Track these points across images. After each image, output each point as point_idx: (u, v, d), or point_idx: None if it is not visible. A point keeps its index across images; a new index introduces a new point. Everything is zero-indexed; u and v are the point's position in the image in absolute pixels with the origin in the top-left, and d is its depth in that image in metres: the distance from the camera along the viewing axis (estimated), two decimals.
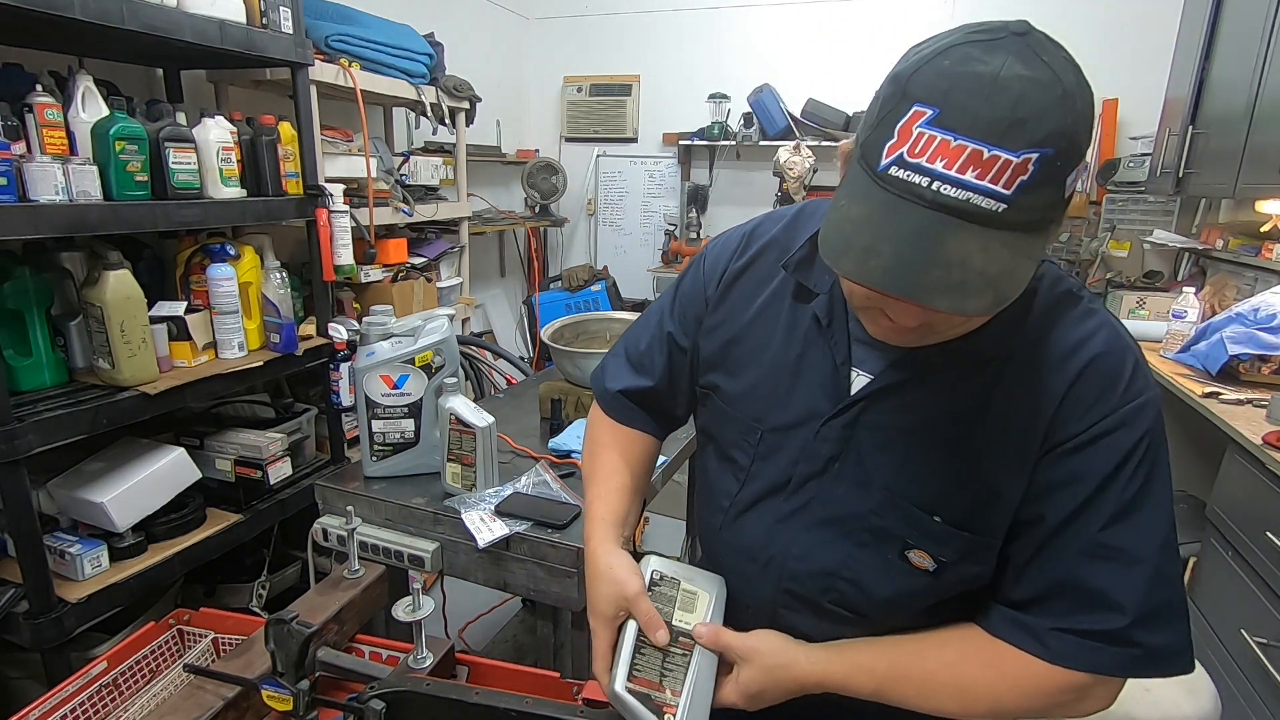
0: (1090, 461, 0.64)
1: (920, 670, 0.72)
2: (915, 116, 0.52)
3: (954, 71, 0.52)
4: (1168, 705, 1.18)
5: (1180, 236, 2.96)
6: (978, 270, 0.52)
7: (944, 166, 0.51)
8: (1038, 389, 0.65)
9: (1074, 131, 0.51)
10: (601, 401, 0.98)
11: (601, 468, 0.93)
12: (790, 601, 0.79)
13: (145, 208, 1.49)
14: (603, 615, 0.77)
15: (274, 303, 1.80)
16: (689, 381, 0.91)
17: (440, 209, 2.76)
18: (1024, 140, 0.50)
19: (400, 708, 0.79)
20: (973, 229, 0.52)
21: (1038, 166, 0.50)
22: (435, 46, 2.66)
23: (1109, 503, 0.64)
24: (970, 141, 0.50)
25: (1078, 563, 0.65)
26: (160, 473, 1.61)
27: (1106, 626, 0.64)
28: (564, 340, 1.82)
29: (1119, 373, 0.64)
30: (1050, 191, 0.52)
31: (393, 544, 1.33)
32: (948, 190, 0.51)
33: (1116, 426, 0.63)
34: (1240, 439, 1.63)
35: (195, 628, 1.06)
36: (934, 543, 0.69)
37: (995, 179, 0.50)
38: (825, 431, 0.74)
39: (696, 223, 3.89)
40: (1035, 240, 0.54)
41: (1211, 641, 1.71)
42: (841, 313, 0.74)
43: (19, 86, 1.40)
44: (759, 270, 0.82)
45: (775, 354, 0.78)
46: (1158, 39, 3.02)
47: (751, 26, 3.79)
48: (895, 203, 0.53)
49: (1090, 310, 0.67)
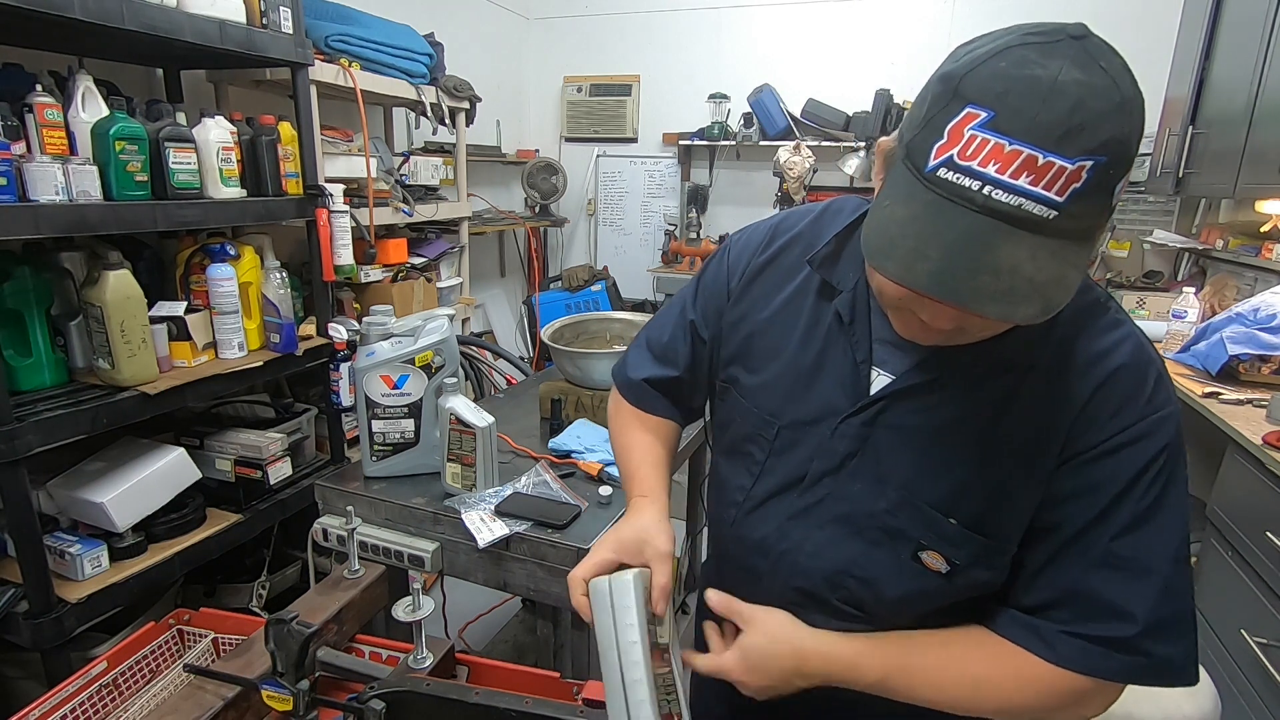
0: (1109, 471, 0.64)
1: (929, 661, 0.71)
2: (968, 119, 0.51)
3: (1010, 74, 0.50)
4: (1168, 705, 1.18)
5: (1180, 236, 2.96)
6: (1027, 278, 0.51)
7: (997, 171, 0.50)
8: (1060, 396, 0.65)
9: (1128, 140, 0.50)
10: (625, 390, 0.97)
11: (637, 446, 0.93)
12: (799, 599, 0.78)
13: (145, 208, 1.49)
14: (619, 541, 0.77)
15: (274, 303, 1.80)
16: (708, 373, 0.91)
17: (440, 209, 2.76)
18: (1079, 147, 0.49)
19: (400, 708, 0.80)
20: (1023, 235, 0.51)
21: (1091, 174, 0.49)
22: (435, 46, 2.66)
23: (1124, 512, 0.63)
24: (1025, 146, 0.49)
25: (1090, 571, 0.65)
26: (160, 473, 1.61)
27: (1116, 634, 0.64)
28: (564, 340, 1.82)
29: (1142, 385, 0.64)
30: (1100, 200, 0.51)
31: (393, 544, 1.33)
32: (999, 195, 0.50)
33: (1137, 438, 0.63)
34: (1240, 439, 1.63)
35: (195, 628, 1.06)
36: (948, 544, 0.69)
37: (1049, 185, 0.50)
38: (843, 429, 0.73)
39: (696, 223, 3.88)
40: (1083, 249, 0.54)
41: (1211, 641, 1.71)
42: (864, 311, 0.74)
43: (19, 86, 1.40)
44: (783, 264, 0.82)
45: (795, 350, 0.78)
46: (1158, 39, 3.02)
47: (751, 26, 3.79)
48: (943, 205, 0.53)
49: (1117, 321, 0.67)
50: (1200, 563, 1.84)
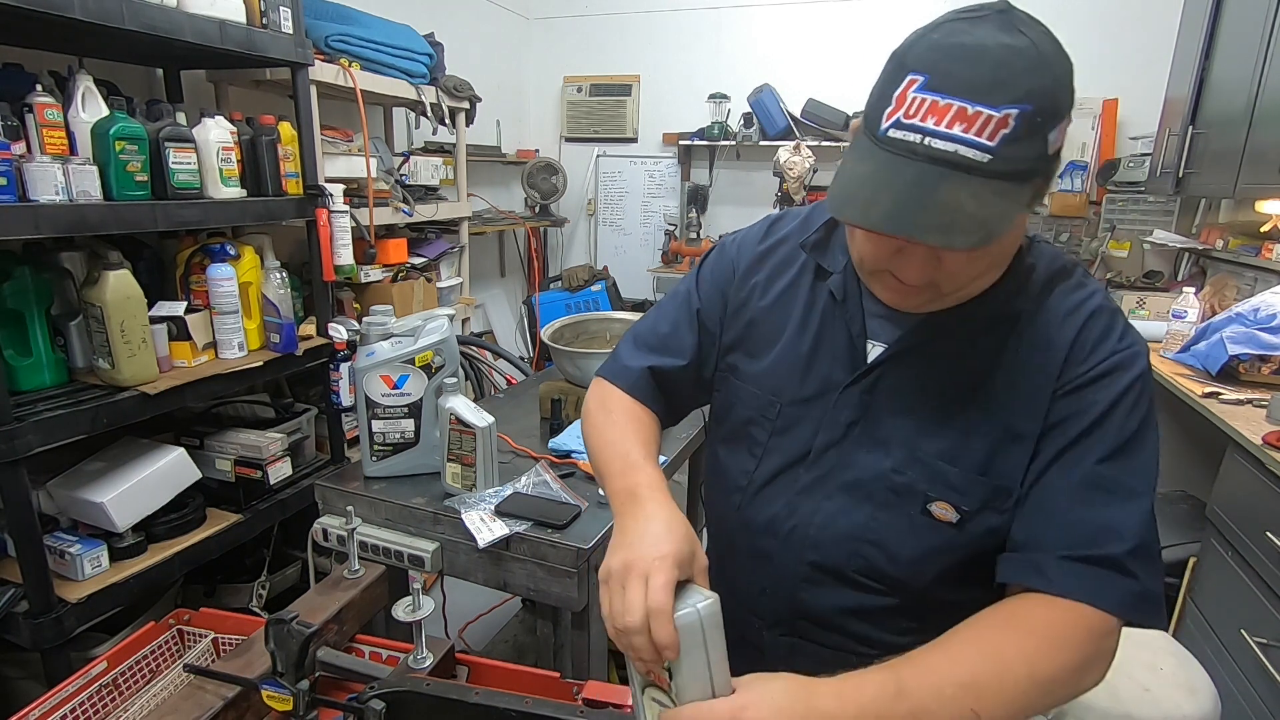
0: (1090, 398, 0.70)
1: (942, 653, 0.64)
2: (910, 84, 0.59)
3: (942, 43, 0.59)
4: (1168, 705, 1.17)
5: (1180, 236, 2.96)
6: (968, 213, 0.58)
7: (934, 124, 0.58)
8: (1048, 339, 0.71)
9: (1052, 91, 0.58)
10: (621, 378, 0.92)
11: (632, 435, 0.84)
12: (814, 575, 0.78)
13: (145, 208, 1.49)
14: (677, 556, 0.63)
15: (274, 303, 1.80)
16: (712, 366, 0.91)
17: (440, 209, 2.76)
18: (1004, 97, 0.56)
19: (400, 708, 0.79)
20: (961, 177, 0.58)
21: (1019, 121, 0.57)
22: (435, 46, 2.66)
23: (1109, 436, 0.68)
24: (956, 100, 0.57)
25: (1078, 492, 0.68)
26: (160, 473, 1.61)
27: (1108, 552, 0.66)
28: (564, 340, 1.82)
29: (1114, 325, 0.72)
30: (1033, 145, 0.58)
31: (393, 544, 1.33)
32: (938, 144, 0.58)
33: (1113, 369, 0.70)
34: (1240, 439, 1.63)
35: (195, 628, 1.06)
36: (955, 492, 0.72)
37: (979, 132, 0.57)
38: (843, 399, 0.77)
39: (696, 223, 3.88)
40: (1022, 189, 0.60)
41: (1211, 641, 1.71)
42: (855, 289, 0.79)
43: (19, 86, 1.40)
44: (779, 255, 0.87)
45: (794, 332, 0.82)
46: (1158, 39, 3.02)
47: (751, 26, 3.79)
48: (893, 159, 0.60)
49: (1083, 282, 0.75)
50: (1200, 563, 1.84)
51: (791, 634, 0.84)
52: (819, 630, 0.82)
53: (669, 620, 0.58)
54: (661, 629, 0.58)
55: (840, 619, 0.79)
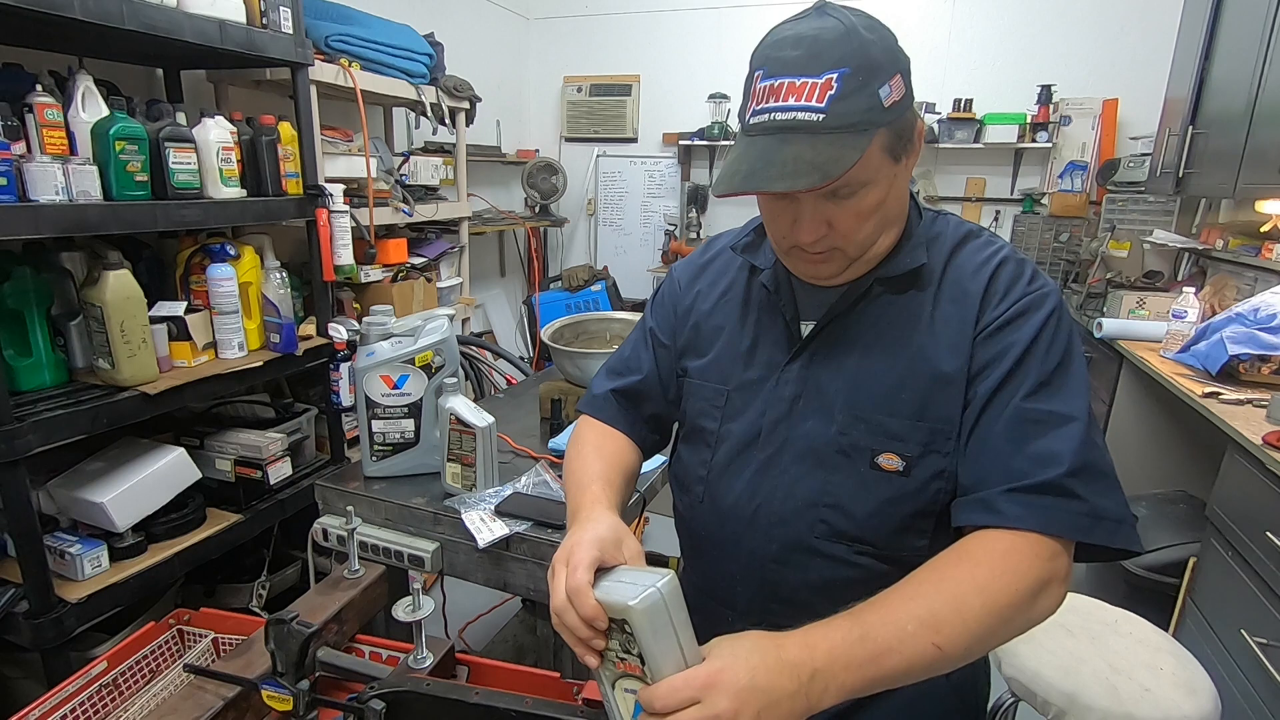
0: (1009, 339, 0.75)
1: (902, 593, 0.67)
2: (756, 79, 0.73)
3: (771, 40, 0.73)
4: (1168, 705, 1.17)
5: (1180, 236, 2.96)
6: (808, 161, 0.68)
7: (774, 101, 0.70)
8: (963, 290, 0.79)
9: (864, 54, 0.68)
10: (589, 405, 1.02)
11: (590, 467, 0.89)
12: (781, 554, 0.82)
13: (145, 208, 1.49)
14: (598, 540, 0.68)
15: (274, 303, 1.80)
16: (673, 378, 0.97)
17: (440, 209, 2.76)
18: (821, 66, 0.68)
19: (400, 708, 0.79)
20: (801, 136, 0.69)
21: (840, 82, 0.68)
22: (435, 46, 2.66)
23: (1031, 372, 0.74)
24: (785, 78, 0.69)
25: (1011, 428, 0.73)
26: (160, 473, 1.61)
27: (1046, 477, 0.69)
28: (564, 340, 1.82)
29: (1022, 271, 0.79)
30: (862, 99, 0.68)
31: (393, 544, 1.33)
32: (781, 116, 0.70)
33: (1027, 309, 0.76)
34: (1240, 439, 1.63)
35: (195, 628, 1.06)
36: (897, 441, 0.78)
37: (809, 97, 0.68)
38: (784, 376, 0.84)
39: (696, 223, 3.89)
40: (862, 137, 0.69)
41: (1211, 641, 1.71)
42: (785, 279, 0.87)
43: (19, 86, 1.40)
44: (717, 264, 0.97)
45: (735, 326, 0.90)
46: (1158, 39, 3.02)
47: (751, 26, 3.79)
48: (752, 140, 0.72)
49: (991, 241, 0.83)
50: (1200, 563, 1.84)
51: (764, 621, 0.83)
52: (791, 613, 0.80)
53: (589, 595, 0.62)
54: (583, 604, 0.62)
55: (811, 598, 0.81)
